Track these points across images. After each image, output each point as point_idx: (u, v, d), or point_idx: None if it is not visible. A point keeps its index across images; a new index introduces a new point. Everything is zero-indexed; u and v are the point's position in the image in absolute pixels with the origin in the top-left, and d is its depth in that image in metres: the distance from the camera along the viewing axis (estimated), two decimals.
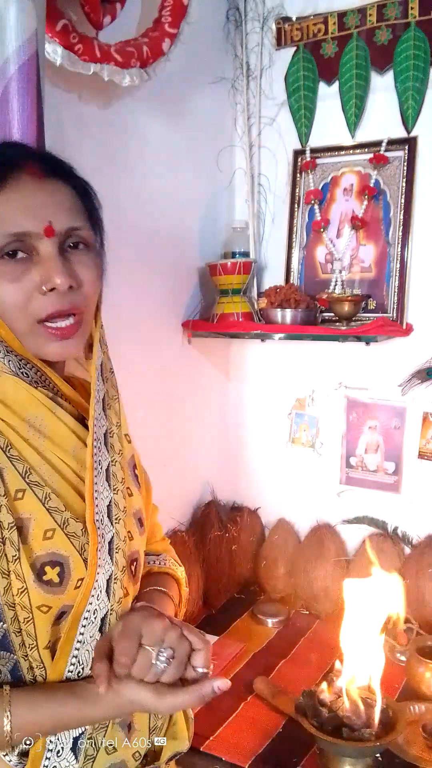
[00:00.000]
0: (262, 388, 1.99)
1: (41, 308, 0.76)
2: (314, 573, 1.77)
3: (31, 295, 0.76)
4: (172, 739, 0.89)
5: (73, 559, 0.77)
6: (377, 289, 1.74)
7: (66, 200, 0.79)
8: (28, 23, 1.01)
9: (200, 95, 1.76)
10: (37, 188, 0.77)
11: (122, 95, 1.46)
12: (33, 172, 0.77)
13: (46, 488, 0.77)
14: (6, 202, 0.75)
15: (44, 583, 0.74)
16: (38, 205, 0.76)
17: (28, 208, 0.75)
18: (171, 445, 1.77)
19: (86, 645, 0.78)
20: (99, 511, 0.80)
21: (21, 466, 0.76)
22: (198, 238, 1.84)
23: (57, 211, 0.77)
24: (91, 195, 0.84)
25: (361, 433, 1.83)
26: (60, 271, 0.75)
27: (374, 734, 1.13)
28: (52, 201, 0.77)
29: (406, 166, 1.68)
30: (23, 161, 0.78)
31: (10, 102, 1.02)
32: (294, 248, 1.85)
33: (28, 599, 0.74)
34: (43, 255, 0.76)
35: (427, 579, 1.64)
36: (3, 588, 0.73)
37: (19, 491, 0.75)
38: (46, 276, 0.75)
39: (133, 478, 0.93)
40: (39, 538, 0.75)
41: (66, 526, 0.77)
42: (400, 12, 1.61)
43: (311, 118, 1.80)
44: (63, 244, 0.78)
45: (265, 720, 1.35)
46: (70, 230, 0.78)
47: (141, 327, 1.63)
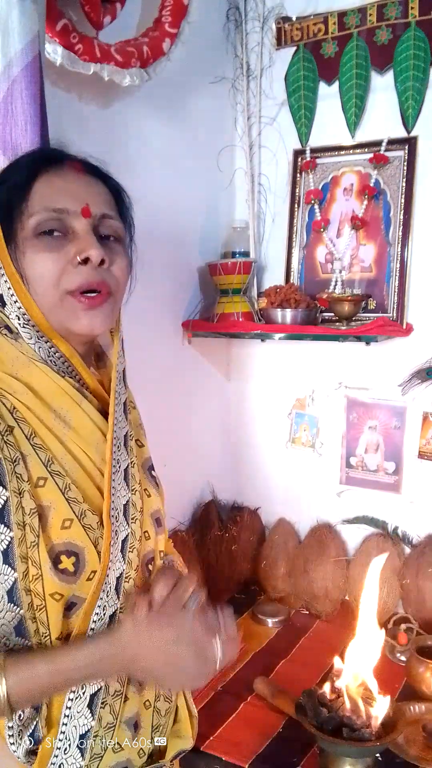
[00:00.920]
0: (262, 388, 1.99)
1: (73, 279, 0.79)
2: (314, 573, 1.77)
3: (64, 267, 0.79)
4: (176, 738, 0.90)
5: (88, 550, 0.78)
6: (377, 289, 1.74)
7: (102, 193, 0.84)
8: (30, 25, 1.02)
9: (200, 95, 1.76)
10: (76, 177, 0.82)
11: (122, 95, 1.46)
12: (74, 165, 0.83)
13: (66, 478, 0.78)
14: (48, 184, 0.80)
15: (59, 571, 0.75)
16: (77, 189, 0.81)
17: (68, 190, 0.80)
18: (171, 445, 1.77)
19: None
20: (115, 507, 0.81)
21: (44, 455, 0.77)
22: (198, 238, 1.84)
23: (94, 198, 0.82)
24: (124, 196, 0.89)
25: (361, 433, 1.83)
26: (94, 245, 0.79)
27: (374, 734, 1.13)
28: (90, 190, 0.82)
29: (406, 166, 1.68)
30: (65, 158, 0.83)
31: (15, 103, 1.03)
32: (294, 248, 1.85)
33: (42, 586, 0.74)
34: (78, 232, 0.79)
35: (427, 579, 1.64)
36: (22, 573, 0.73)
37: (41, 479, 0.76)
38: (80, 248, 0.79)
39: (150, 480, 0.95)
40: (57, 527, 0.76)
41: (83, 518, 0.78)
42: (400, 12, 1.61)
43: (311, 117, 1.80)
44: (96, 228, 0.81)
45: (265, 720, 1.35)
46: (104, 216, 0.82)
47: (141, 327, 1.62)
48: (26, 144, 1.05)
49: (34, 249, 0.78)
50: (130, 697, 0.84)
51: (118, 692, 0.82)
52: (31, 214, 0.78)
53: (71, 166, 0.82)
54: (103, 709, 0.80)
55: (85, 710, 0.78)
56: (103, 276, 0.80)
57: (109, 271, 0.82)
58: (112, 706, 0.81)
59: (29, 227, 0.78)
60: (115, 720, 0.81)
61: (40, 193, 0.79)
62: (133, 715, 0.84)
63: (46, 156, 0.83)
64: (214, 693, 1.44)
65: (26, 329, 0.79)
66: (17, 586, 0.73)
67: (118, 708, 0.82)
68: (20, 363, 0.79)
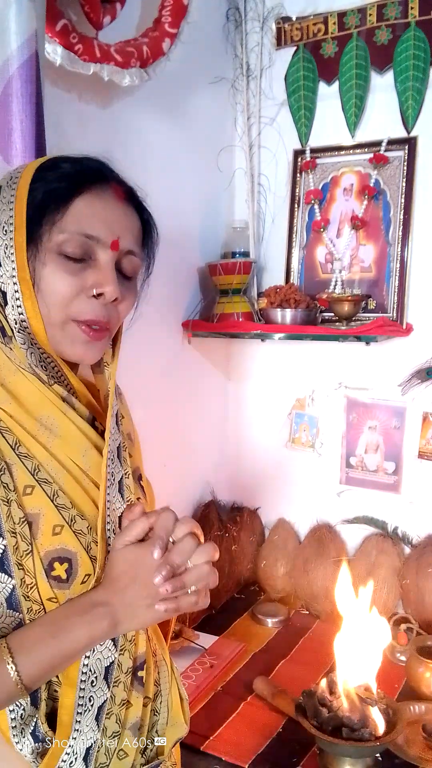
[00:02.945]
0: (262, 388, 1.99)
1: (82, 310, 0.78)
2: (314, 573, 1.77)
3: (79, 293, 0.78)
4: (170, 726, 0.89)
5: (81, 555, 0.77)
6: (377, 289, 1.74)
7: (135, 227, 0.83)
8: (27, 23, 1.02)
9: (200, 95, 1.76)
10: (116, 205, 0.81)
11: (122, 95, 1.46)
12: (116, 190, 0.81)
13: (53, 485, 0.77)
14: (88, 205, 0.78)
15: (53, 578, 0.75)
16: (114, 220, 0.80)
17: (105, 218, 0.79)
18: (171, 445, 1.77)
19: (96, 654, 0.78)
20: (110, 521, 0.81)
21: (30, 463, 0.77)
22: (198, 238, 1.84)
23: (126, 232, 0.81)
24: (153, 230, 0.88)
25: (361, 433, 1.83)
26: (113, 282, 0.79)
27: (374, 734, 1.13)
28: (125, 222, 0.81)
29: (406, 166, 1.68)
30: (110, 178, 0.82)
31: (11, 101, 1.03)
32: (294, 248, 1.85)
33: (38, 593, 0.74)
34: (101, 263, 0.79)
35: (427, 579, 1.64)
36: (19, 579, 0.73)
37: (27, 487, 0.76)
38: (99, 281, 0.78)
39: (138, 489, 0.95)
40: (48, 534, 0.76)
41: (73, 524, 0.78)
42: (400, 12, 1.61)
43: (311, 118, 1.80)
44: (119, 262, 0.81)
45: (265, 720, 1.35)
46: (130, 253, 0.82)
47: (141, 327, 1.62)
48: (22, 143, 1.05)
49: (54, 266, 0.77)
50: (134, 702, 0.83)
51: (123, 701, 0.81)
52: (62, 230, 0.76)
53: (114, 189, 0.81)
54: (108, 719, 0.80)
55: (93, 723, 0.78)
56: (109, 314, 0.80)
57: (116, 309, 0.82)
58: (117, 715, 0.81)
59: (55, 242, 0.76)
60: (120, 728, 0.81)
61: (78, 213, 0.77)
62: (137, 720, 0.84)
63: (94, 170, 0.81)
64: (214, 693, 1.44)
65: (21, 334, 0.78)
66: (16, 593, 0.73)
67: (123, 717, 0.81)
68: (7, 370, 0.79)
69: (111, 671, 0.79)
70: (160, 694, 0.89)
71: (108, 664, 0.79)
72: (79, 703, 0.77)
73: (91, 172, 0.80)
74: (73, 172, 0.79)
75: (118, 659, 0.80)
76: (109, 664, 0.79)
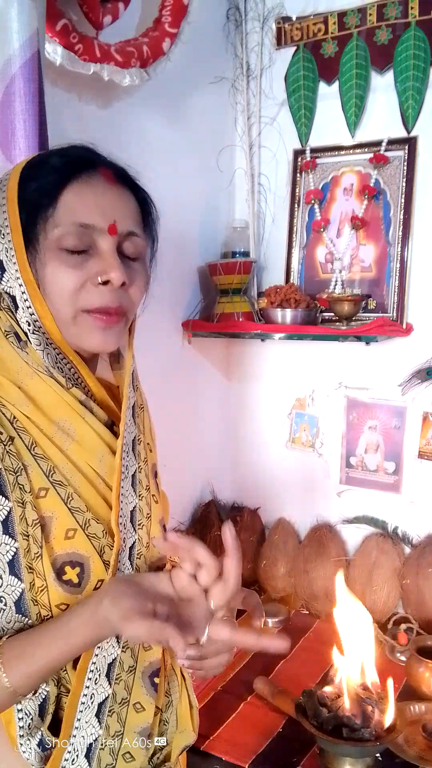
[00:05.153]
0: (262, 388, 1.99)
1: (91, 300, 0.77)
2: (314, 573, 1.77)
3: (84, 284, 0.77)
4: (178, 733, 0.89)
5: (93, 560, 0.76)
6: (377, 288, 1.74)
7: (131, 207, 0.81)
8: (29, 22, 1.02)
9: (200, 95, 1.76)
10: (107, 189, 0.79)
11: (122, 95, 1.46)
12: (105, 174, 0.79)
13: (68, 488, 0.77)
14: (77, 194, 0.77)
15: (63, 582, 0.74)
16: (106, 204, 0.78)
17: (97, 204, 0.77)
18: (171, 445, 1.76)
19: (104, 651, 0.78)
20: (123, 515, 0.80)
21: (45, 465, 0.76)
22: (198, 238, 1.84)
23: (122, 214, 0.79)
24: (151, 209, 0.86)
25: (361, 433, 1.83)
26: (117, 267, 0.77)
27: (374, 734, 1.13)
28: (119, 204, 0.79)
29: (406, 166, 1.68)
30: (98, 163, 0.80)
31: (14, 100, 1.03)
32: (294, 248, 1.85)
33: (48, 598, 0.74)
34: (102, 250, 0.77)
35: (427, 579, 1.64)
36: (29, 583, 0.73)
37: (42, 489, 0.75)
38: (103, 269, 0.77)
39: (154, 486, 0.94)
40: (60, 538, 0.75)
41: (87, 527, 0.77)
42: (400, 12, 1.61)
43: (311, 117, 1.80)
44: (121, 246, 0.79)
45: (265, 720, 1.35)
46: (130, 234, 0.80)
47: (141, 327, 1.62)
48: (24, 142, 1.05)
49: (55, 262, 0.76)
50: (146, 707, 0.83)
51: (125, 700, 0.81)
52: (57, 224, 0.75)
53: (103, 173, 0.79)
54: (110, 717, 0.79)
55: (93, 719, 0.78)
56: (120, 299, 0.79)
57: (126, 294, 0.80)
58: (119, 714, 0.80)
59: (53, 237, 0.75)
60: (122, 728, 0.81)
61: (69, 204, 0.76)
62: (147, 725, 0.83)
63: (79, 158, 0.79)
64: (214, 693, 1.44)
65: (36, 335, 0.77)
66: (25, 597, 0.73)
67: (124, 716, 0.81)
68: (24, 373, 0.77)
69: (113, 668, 0.79)
70: (170, 705, 0.90)
71: (110, 660, 0.79)
72: (82, 701, 0.77)
73: (77, 160, 0.79)
74: (59, 165, 0.78)
75: (120, 656, 0.79)
76: (112, 661, 0.79)
